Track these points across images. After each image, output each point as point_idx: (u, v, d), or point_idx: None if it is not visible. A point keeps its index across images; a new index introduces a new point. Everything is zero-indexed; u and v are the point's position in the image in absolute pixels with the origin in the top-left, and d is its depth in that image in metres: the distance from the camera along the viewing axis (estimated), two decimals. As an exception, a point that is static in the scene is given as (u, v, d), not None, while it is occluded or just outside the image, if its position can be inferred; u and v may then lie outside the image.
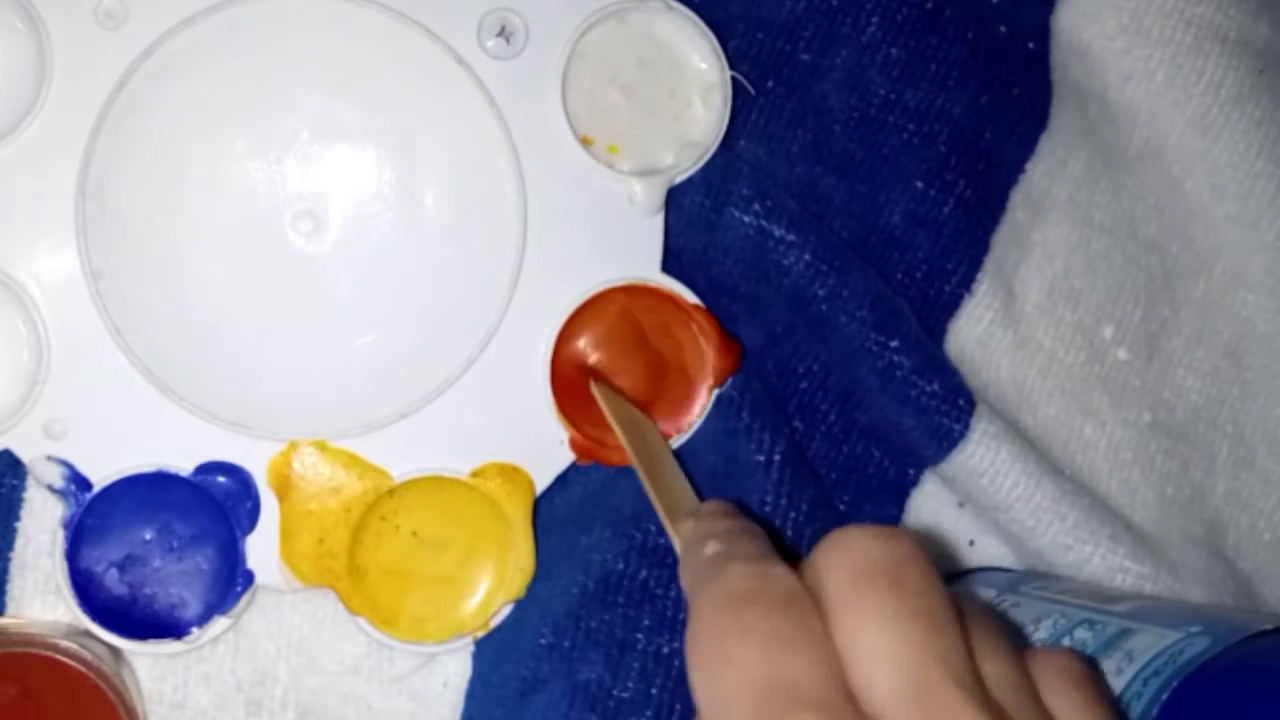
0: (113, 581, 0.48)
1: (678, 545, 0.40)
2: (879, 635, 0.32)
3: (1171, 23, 0.55)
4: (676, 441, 0.50)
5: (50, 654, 0.46)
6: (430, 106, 0.48)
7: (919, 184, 0.53)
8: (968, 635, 0.33)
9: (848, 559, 0.33)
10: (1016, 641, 0.35)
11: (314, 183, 0.48)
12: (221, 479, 0.48)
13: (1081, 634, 0.47)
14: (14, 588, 0.49)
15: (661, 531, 0.49)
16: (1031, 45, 0.55)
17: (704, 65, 0.49)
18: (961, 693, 0.32)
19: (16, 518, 0.49)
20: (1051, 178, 0.55)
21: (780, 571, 0.34)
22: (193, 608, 0.48)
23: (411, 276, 0.48)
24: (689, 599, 0.35)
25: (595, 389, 0.49)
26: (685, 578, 0.37)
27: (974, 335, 0.54)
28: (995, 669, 0.33)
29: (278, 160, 0.47)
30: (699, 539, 0.38)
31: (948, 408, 0.51)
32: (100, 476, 0.47)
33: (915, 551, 0.34)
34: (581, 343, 0.49)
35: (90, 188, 0.47)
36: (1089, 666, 0.35)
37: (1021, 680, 0.34)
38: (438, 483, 0.49)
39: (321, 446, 0.48)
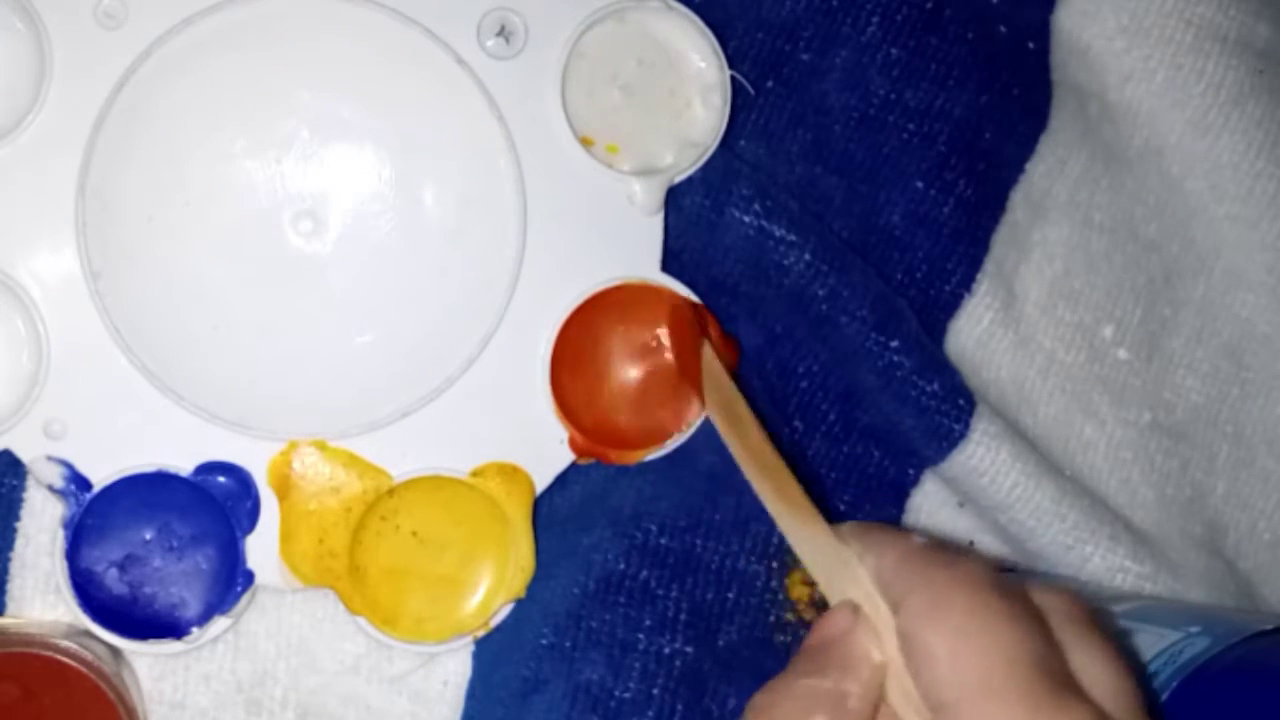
0: (113, 581, 0.48)
1: (782, 507, 0.41)
2: (1110, 672, 0.36)
3: (1171, 23, 0.55)
4: (677, 441, 0.50)
5: (50, 654, 0.46)
6: (430, 106, 0.48)
7: (919, 184, 0.53)
8: None
9: (1069, 599, 0.37)
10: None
11: (314, 183, 0.48)
12: (221, 479, 0.48)
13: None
14: (14, 588, 0.49)
15: (663, 531, 0.49)
16: (1031, 45, 0.55)
17: (703, 65, 0.49)
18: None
19: (16, 518, 0.49)
20: (1051, 178, 0.55)
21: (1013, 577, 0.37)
22: (193, 608, 0.48)
23: (411, 276, 0.48)
24: (899, 577, 0.37)
25: (706, 358, 0.48)
26: (882, 559, 0.37)
27: (974, 335, 0.54)
28: None
29: (277, 160, 0.47)
30: (894, 530, 0.39)
31: (948, 408, 0.51)
32: (100, 476, 0.47)
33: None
34: (581, 341, 0.49)
35: (90, 188, 0.47)
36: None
37: None
38: (437, 482, 0.49)
39: (321, 446, 0.48)
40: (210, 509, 0.48)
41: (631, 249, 0.49)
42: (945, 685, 0.34)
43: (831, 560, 0.39)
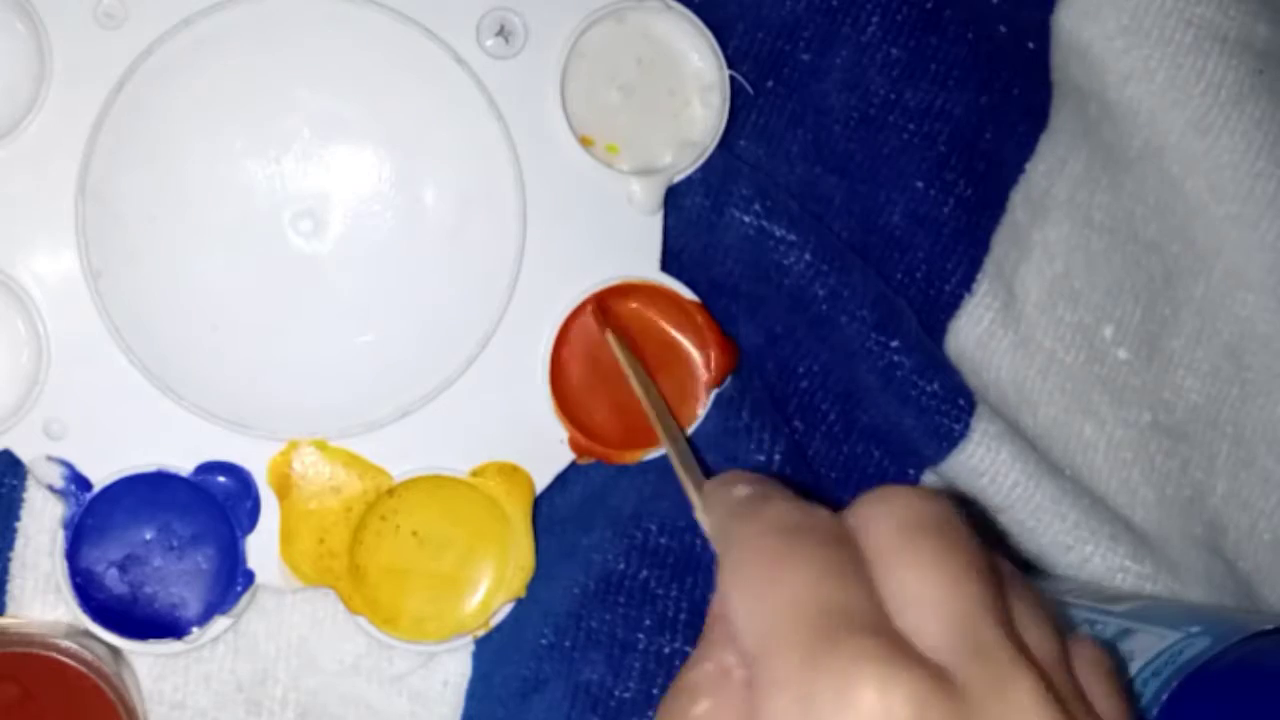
0: (113, 581, 0.48)
1: (695, 499, 0.39)
2: (931, 585, 0.32)
3: (1171, 23, 0.55)
4: (676, 440, 0.50)
5: (50, 654, 0.46)
6: (430, 106, 0.48)
7: (919, 184, 0.53)
8: (1009, 599, 0.34)
9: (895, 511, 0.34)
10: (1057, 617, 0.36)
11: (313, 182, 0.48)
12: (221, 478, 0.48)
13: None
14: (14, 588, 0.49)
15: (662, 531, 0.49)
16: (1031, 45, 0.55)
17: (702, 64, 0.49)
18: (1011, 648, 0.32)
19: (16, 518, 0.49)
20: (1051, 178, 0.55)
21: (824, 512, 0.34)
22: (193, 607, 0.48)
23: (411, 276, 0.48)
24: (721, 536, 0.35)
25: (610, 337, 0.48)
26: (712, 518, 0.36)
27: (974, 335, 0.54)
28: (1036, 637, 0.33)
29: (277, 160, 0.47)
30: (728, 483, 0.37)
31: (948, 408, 0.51)
32: (100, 476, 0.47)
33: (956, 511, 0.34)
34: (580, 341, 0.49)
35: (90, 188, 0.47)
36: (1113, 660, 0.35)
37: (1060, 653, 0.34)
38: (437, 482, 0.49)
39: (321, 446, 0.48)
40: (210, 509, 0.48)
41: (631, 248, 0.49)
42: (746, 639, 0.33)
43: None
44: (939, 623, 0.32)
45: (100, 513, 0.48)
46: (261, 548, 0.48)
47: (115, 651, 0.48)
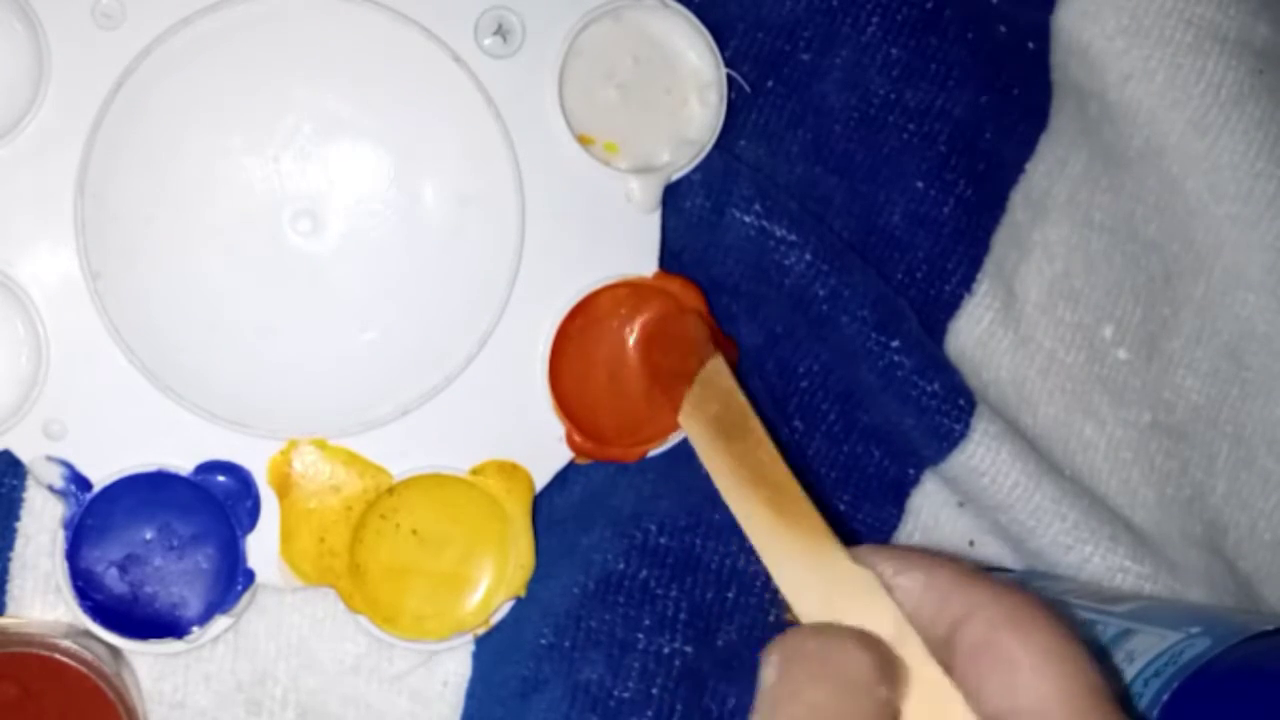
0: (113, 581, 0.48)
1: (780, 524, 0.39)
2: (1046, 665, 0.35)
3: (1171, 23, 0.55)
4: (674, 439, 0.50)
5: (50, 654, 0.46)
6: (428, 105, 0.48)
7: (919, 184, 0.53)
8: None
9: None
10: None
11: (312, 181, 0.48)
12: (221, 478, 0.48)
13: (1082, 634, 0.47)
14: (14, 588, 0.49)
15: (662, 531, 0.49)
16: (1031, 45, 0.55)
17: (699, 63, 0.49)
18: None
19: (16, 518, 0.49)
20: (1051, 178, 0.55)
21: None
22: (193, 607, 0.48)
23: (410, 274, 0.48)
24: (960, 590, 0.36)
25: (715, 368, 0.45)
26: (934, 575, 0.37)
27: (974, 335, 0.54)
28: None
29: (275, 159, 0.47)
30: (931, 551, 0.38)
31: (948, 408, 0.51)
32: (100, 476, 0.47)
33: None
34: (580, 339, 0.49)
35: (89, 188, 0.47)
36: None
37: None
38: (437, 480, 0.49)
39: (321, 445, 0.48)
40: (210, 508, 0.48)
41: (629, 246, 0.49)
42: (1024, 692, 0.34)
43: (842, 585, 0.36)
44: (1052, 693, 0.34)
45: (100, 513, 0.48)
46: (262, 547, 0.48)
47: (115, 651, 0.48)
